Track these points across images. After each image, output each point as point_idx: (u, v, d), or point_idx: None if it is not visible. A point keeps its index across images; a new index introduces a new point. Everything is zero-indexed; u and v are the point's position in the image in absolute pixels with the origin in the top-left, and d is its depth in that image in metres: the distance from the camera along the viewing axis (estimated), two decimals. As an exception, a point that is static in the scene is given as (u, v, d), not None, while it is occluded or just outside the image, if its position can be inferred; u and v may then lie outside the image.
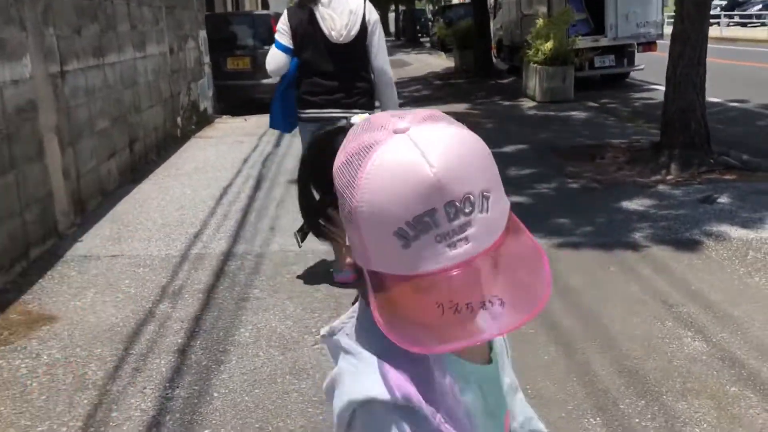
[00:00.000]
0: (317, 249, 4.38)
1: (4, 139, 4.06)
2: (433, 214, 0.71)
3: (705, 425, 2.51)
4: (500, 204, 0.78)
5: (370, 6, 3.67)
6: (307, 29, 3.58)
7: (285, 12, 3.77)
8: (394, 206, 0.71)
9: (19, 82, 4.30)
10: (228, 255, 4.37)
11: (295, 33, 3.63)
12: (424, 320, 0.73)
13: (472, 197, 0.73)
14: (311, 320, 3.41)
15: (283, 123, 3.92)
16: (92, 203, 5.49)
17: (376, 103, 3.80)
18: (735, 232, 4.39)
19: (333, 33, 3.55)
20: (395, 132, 0.75)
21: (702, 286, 3.64)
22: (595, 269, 3.91)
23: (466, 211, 0.73)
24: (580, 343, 3.09)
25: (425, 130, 0.75)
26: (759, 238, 4.26)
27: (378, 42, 3.66)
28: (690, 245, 4.21)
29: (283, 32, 3.66)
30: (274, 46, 3.71)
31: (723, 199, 5.06)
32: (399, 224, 0.71)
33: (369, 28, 3.61)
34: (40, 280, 4.03)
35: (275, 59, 3.69)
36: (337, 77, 3.60)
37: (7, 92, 4.13)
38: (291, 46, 3.65)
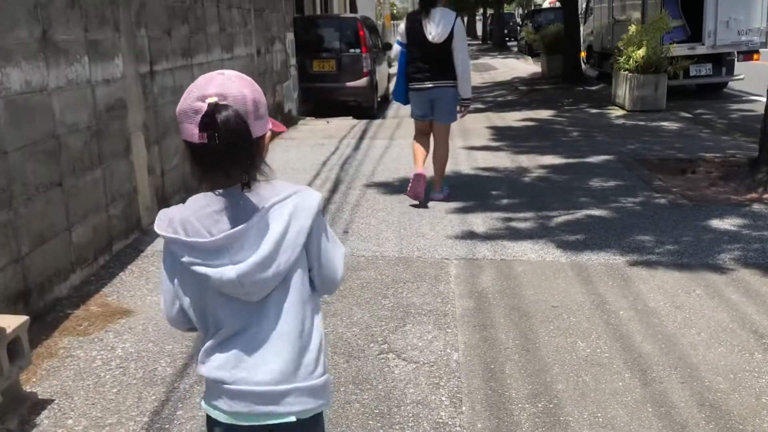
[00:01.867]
0: (388, 255, 4.35)
1: (94, 135, 4.23)
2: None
3: (794, 472, 2.30)
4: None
5: (458, 20, 5.39)
6: (417, 32, 5.36)
7: (405, 17, 5.85)
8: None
9: (111, 82, 4.48)
10: (300, 257, 4.39)
11: (408, 34, 5.46)
12: None
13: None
14: (377, 328, 3.37)
15: (403, 97, 5.64)
16: (175, 199, 5.66)
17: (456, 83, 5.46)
18: (838, 259, 4.06)
19: (430, 36, 5.30)
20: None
21: (798, 316, 3.37)
22: (678, 291, 3.69)
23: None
24: (658, 370, 2.91)
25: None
26: None
27: (460, 45, 5.36)
28: (786, 271, 3.92)
29: (400, 33, 5.61)
30: (396, 42, 5.71)
31: (826, 223, 4.70)
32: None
33: (454, 36, 5.32)
34: (121, 274, 4.17)
35: (394, 50, 5.88)
36: (429, 63, 5.35)
37: (99, 91, 4.31)
38: (405, 42, 5.50)
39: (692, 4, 12.17)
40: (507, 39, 38.35)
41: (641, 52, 10.13)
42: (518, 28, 37.08)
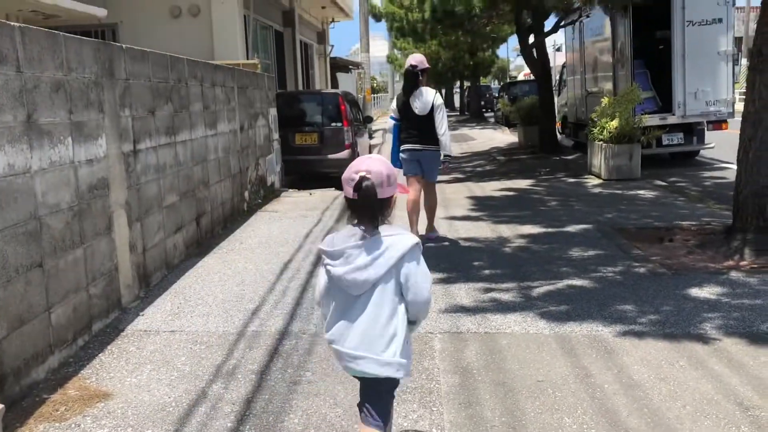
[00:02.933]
0: (372, 331, 4.33)
1: (76, 215, 4.24)
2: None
3: None
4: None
5: (437, 96, 6.62)
6: (406, 107, 6.62)
7: (395, 97, 6.97)
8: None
9: (94, 161, 4.52)
10: (284, 333, 4.36)
11: (400, 110, 6.72)
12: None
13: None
14: (362, 408, 3.32)
15: (397, 162, 6.67)
16: (157, 276, 5.63)
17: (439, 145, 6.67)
18: (817, 326, 4.11)
19: (416, 110, 6.55)
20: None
21: (781, 386, 3.38)
22: (661, 363, 3.70)
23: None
24: (645, 446, 2.89)
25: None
26: (844, 335, 3.96)
27: (440, 115, 6.56)
28: (767, 340, 3.95)
29: (392, 110, 6.88)
30: (390, 118, 6.94)
31: (803, 290, 4.77)
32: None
33: (435, 109, 6.55)
34: (100, 355, 4.10)
35: (389, 123, 6.96)
36: (418, 130, 6.61)
37: (82, 171, 4.34)
38: (397, 116, 6.77)
39: (662, 76, 12.65)
40: (484, 110, 39.33)
41: (614, 123, 10.44)
42: (495, 99, 38.07)
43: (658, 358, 3.76)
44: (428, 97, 6.51)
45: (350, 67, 31.11)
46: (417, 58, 6.62)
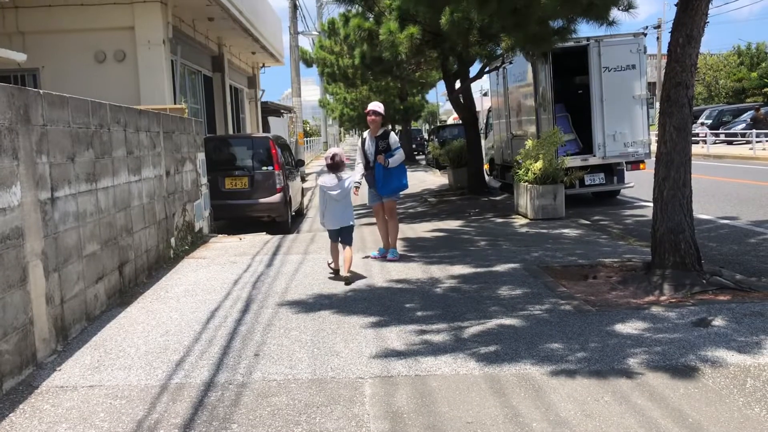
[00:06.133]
0: (300, 378, 4.25)
1: (-14, 267, 4.03)
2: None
3: None
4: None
5: (393, 134, 8.42)
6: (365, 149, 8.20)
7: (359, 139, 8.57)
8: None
9: (6, 210, 4.32)
10: (209, 385, 4.22)
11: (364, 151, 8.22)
12: None
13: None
14: (290, 459, 3.23)
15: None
16: (76, 329, 5.38)
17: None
18: (732, 357, 4.27)
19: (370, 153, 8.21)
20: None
21: (700, 418, 3.49)
22: (587, 399, 3.76)
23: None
24: (573, 484, 2.90)
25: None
26: (757, 365, 4.14)
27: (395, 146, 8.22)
28: (686, 372, 4.08)
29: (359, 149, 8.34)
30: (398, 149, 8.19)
31: (718, 322, 4.98)
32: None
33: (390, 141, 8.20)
34: (11, 415, 3.86)
35: (398, 156, 8.15)
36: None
37: (-7, 221, 4.14)
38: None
39: (582, 119, 13.20)
40: (416, 153, 39.98)
41: (538, 164, 10.78)
42: (425, 142, 38.78)
43: (585, 395, 3.82)
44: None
45: (282, 111, 31.16)
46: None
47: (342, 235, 7.33)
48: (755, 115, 29.11)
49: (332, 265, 7.33)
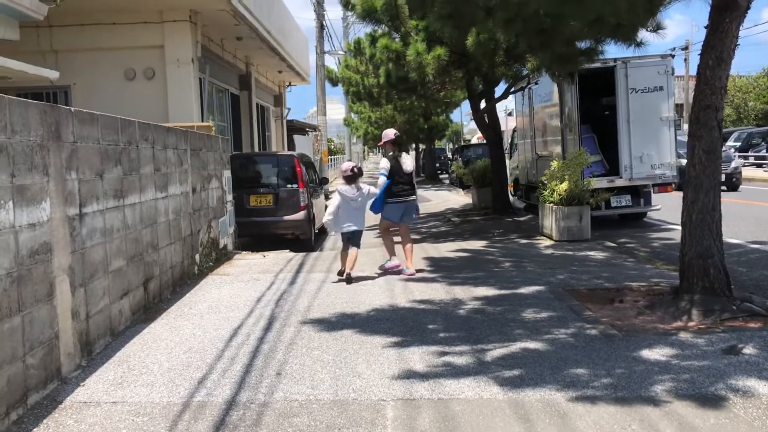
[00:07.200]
0: (322, 398, 4.22)
1: (14, 281, 4.08)
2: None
3: None
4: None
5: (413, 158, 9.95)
6: (396, 166, 8.49)
7: (385, 160, 8.66)
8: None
9: (36, 226, 4.39)
10: (231, 404, 4.21)
11: (391, 168, 8.47)
12: None
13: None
14: (311, 481, 3.20)
15: (378, 208, 8.54)
16: (100, 344, 5.42)
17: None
18: (764, 387, 4.16)
19: (406, 169, 8.56)
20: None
21: (731, 449, 3.39)
22: (614, 427, 3.68)
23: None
24: None
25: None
26: (790, 395, 4.02)
27: (415, 173, 8.85)
28: (715, 402, 3.98)
29: (384, 169, 8.48)
30: (381, 175, 8.51)
31: (748, 350, 4.86)
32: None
33: (414, 168, 8.79)
34: (35, 429, 3.88)
35: (381, 181, 8.45)
36: (407, 184, 8.56)
37: (22, 236, 4.20)
38: (387, 174, 8.45)
39: (608, 140, 13.10)
40: (439, 172, 39.97)
41: (564, 185, 10.70)
42: (449, 162, 38.78)
43: (611, 422, 3.74)
44: (412, 159, 9.12)
45: (307, 129, 31.41)
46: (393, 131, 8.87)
47: (353, 238, 8.27)
48: None
49: (343, 271, 8.23)
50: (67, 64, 12.19)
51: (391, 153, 8.60)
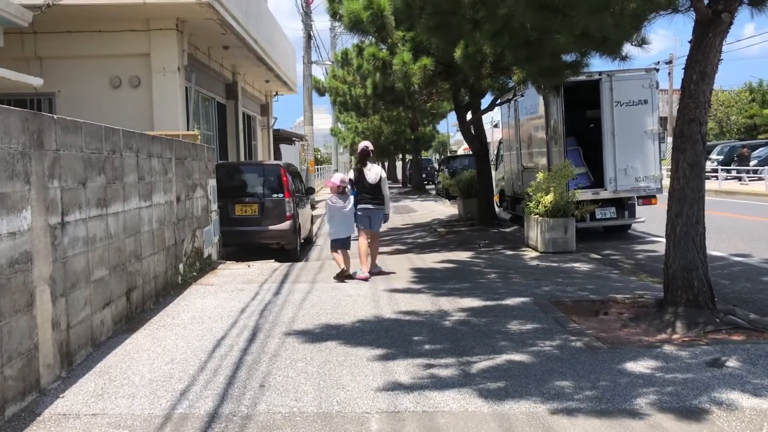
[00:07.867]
0: (306, 411, 4.18)
1: (-6, 291, 4.01)
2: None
3: None
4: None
5: (382, 170, 9.47)
6: (359, 178, 9.16)
7: (351, 171, 9.42)
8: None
9: (16, 234, 4.32)
10: (213, 416, 4.16)
11: (355, 180, 9.16)
12: None
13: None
14: (293, 496, 3.16)
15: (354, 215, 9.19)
16: (81, 355, 5.34)
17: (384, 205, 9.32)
18: (747, 400, 4.17)
19: (369, 180, 9.11)
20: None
21: (715, 463, 3.39)
22: (599, 441, 3.67)
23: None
24: None
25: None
26: (773, 408, 4.03)
27: (384, 184, 9.27)
28: (699, 415, 3.99)
29: (349, 181, 9.18)
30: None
31: (732, 363, 4.88)
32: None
33: (381, 180, 9.24)
34: (12, 442, 3.81)
35: (347, 190, 9.13)
36: (371, 195, 9.14)
37: (2, 245, 4.14)
38: (352, 185, 9.14)
39: (593, 153, 13.18)
40: (425, 183, 40.05)
41: (549, 197, 10.74)
42: (435, 172, 38.87)
43: (596, 436, 3.73)
44: (377, 171, 9.32)
45: (294, 138, 31.37)
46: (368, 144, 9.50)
47: (347, 243, 9.10)
48: (740, 152, 30.82)
49: (341, 270, 8.91)
50: (52, 71, 12.11)
51: (357, 165, 9.39)
